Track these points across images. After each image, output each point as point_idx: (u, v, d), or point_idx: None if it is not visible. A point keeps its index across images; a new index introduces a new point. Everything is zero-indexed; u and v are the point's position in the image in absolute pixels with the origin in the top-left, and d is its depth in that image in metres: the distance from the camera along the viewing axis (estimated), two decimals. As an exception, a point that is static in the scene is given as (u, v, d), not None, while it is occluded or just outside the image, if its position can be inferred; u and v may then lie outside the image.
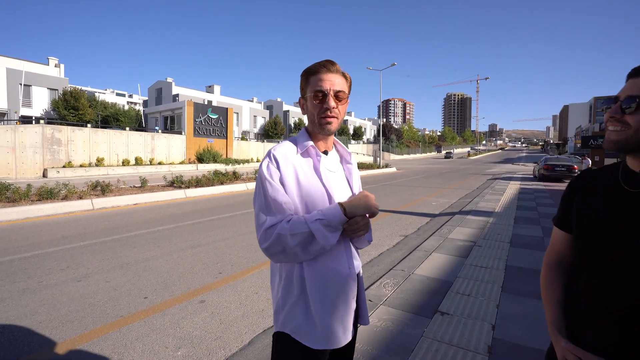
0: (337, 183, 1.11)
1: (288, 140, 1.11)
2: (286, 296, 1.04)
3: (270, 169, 1.01)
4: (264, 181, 1.00)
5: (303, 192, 1.02)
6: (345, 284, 1.05)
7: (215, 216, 7.22)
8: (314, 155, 1.08)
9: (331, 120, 1.06)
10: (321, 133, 1.08)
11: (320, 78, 1.04)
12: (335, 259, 1.04)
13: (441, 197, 10.87)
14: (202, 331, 2.63)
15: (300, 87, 1.11)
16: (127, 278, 3.70)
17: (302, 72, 1.10)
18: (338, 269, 1.04)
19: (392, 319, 2.69)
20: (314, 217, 0.96)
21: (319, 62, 1.07)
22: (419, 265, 3.97)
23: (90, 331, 2.61)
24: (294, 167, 1.03)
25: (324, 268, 1.02)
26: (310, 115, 1.08)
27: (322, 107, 1.04)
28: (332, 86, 1.04)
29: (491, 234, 5.52)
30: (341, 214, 0.96)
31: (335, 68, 1.07)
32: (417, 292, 3.23)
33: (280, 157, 1.03)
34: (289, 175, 1.02)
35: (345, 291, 1.04)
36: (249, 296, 3.28)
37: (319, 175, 1.06)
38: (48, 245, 4.90)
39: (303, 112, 1.13)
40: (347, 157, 1.20)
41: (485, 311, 2.81)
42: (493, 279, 3.55)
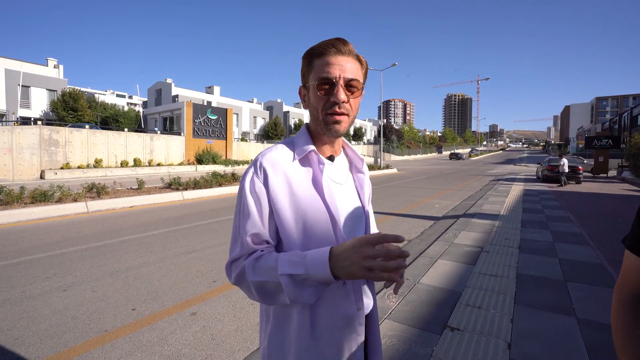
0: (345, 199, 0.86)
1: (283, 142, 0.86)
2: (273, 343, 0.82)
3: (254, 184, 0.78)
4: (244, 199, 0.79)
5: (299, 214, 0.78)
6: (350, 329, 0.81)
7: (213, 219, 7.01)
8: (315, 163, 0.83)
9: (340, 119, 0.80)
10: (327, 134, 0.82)
11: (327, 62, 0.78)
12: (338, 298, 0.80)
13: (444, 199, 10.65)
14: (191, 348, 2.42)
15: (302, 73, 0.85)
16: (115, 287, 3.49)
17: (304, 53, 0.83)
18: (342, 310, 0.80)
19: (398, 335, 2.47)
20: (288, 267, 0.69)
21: (326, 41, 0.80)
22: (424, 274, 3.76)
23: (70, 348, 2.40)
24: (286, 179, 0.79)
25: (323, 310, 0.79)
26: (314, 111, 0.82)
27: (329, 100, 0.79)
28: (343, 73, 0.78)
29: (498, 239, 5.31)
30: (328, 272, 0.66)
31: (348, 49, 0.80)
32: (424, 303, 3.01)
33: (269, 167, 0.79)
34: (280, 191, 0.78)
35: (350, 339, 0.81)
36: (244, 307, 3.07)
37: (320, 191, 0.80)
38: (36, 251, 4.70)
39: (304, 106, 0.86)
40: (358, 164, 0.95)
41: (499, 326, 2.60)
42: (504, 289, 3.34)
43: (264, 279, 0.71)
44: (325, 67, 0.78)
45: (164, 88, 41.82)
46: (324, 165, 0.84)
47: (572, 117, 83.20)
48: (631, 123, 33.07)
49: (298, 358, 0.79)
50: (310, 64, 0.82)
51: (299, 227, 0.78)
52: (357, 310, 0.82)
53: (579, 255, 4.55)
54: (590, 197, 11.15)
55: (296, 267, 0.69)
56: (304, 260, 0.69)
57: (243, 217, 0.78)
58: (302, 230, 0.78)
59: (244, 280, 0.75)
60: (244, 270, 0.74)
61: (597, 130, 44.16)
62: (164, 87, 41.86)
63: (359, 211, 0.88)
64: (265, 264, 0.72)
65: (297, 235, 0.78)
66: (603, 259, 4.39)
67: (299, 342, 0.79)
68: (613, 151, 23.23)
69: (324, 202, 0.80)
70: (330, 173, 0.86)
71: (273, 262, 0.72)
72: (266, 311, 0.85)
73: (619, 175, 20.34)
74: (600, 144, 21.79)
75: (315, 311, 0.79)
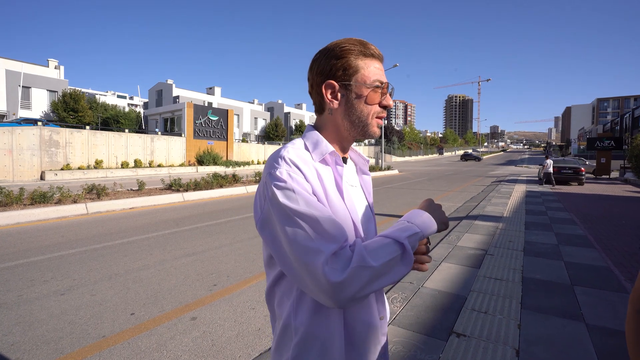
0: (358, 201, 0.83)
1: (295, 142, 0.79)
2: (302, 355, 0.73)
3: (296, 179, 0.68)
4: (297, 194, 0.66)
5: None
6: (376, 340, 0.78)
7: (213, 221, 6.95)
8: (333, 165, 0.78)
9: (382, 123, 0.84)
10: (364, 137, 0.82)
11: (378, 67, 0.79)
12: (364, 308, 0.76)
13: (446, 201, 10.58)
14: (191, 355, 2.36)
15: (334, 68, 0.76)
16: (114, 291, 3.43)
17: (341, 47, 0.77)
18: (368, 320, 0.76)
19: (402, 341, 2.41)
20: (403, 233, 0.68)
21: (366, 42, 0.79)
22: (428, 277, 3.69)
23: (67, 355, 2.34)
24: (318, 177, 0.73)
25: (352, 321, 0.74)
26: (359, 114, 0.77)
27: (381, 104, 0.80)
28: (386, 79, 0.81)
29: (502, 241, 5.24)
30: (435, 225, 0.74)
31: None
32: (429, 308, 2.95)
33: (300, 163, 0.71)
34: (318, 188, 0.71)
35: (375, 349, 0.78)
36: (245, 312, 3.01)
37: (341, 192, 0.76)
38: (35, 253, 4.64)
39: (332, 104, 0.78)
40: (364, 167, 0.93)
41: (506, 332, 2.53)
42: (510, 293, 3.27)
43: (388, 257, 0.65)
44: (379, 71, 0.79)
45: (164, 89, 41.86)
46: (342, 167, 0.80)
47: (573, 118, 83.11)
48: (632, 124, 32.98)
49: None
50: (353, 62, 0.77)
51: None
52: (380, 320, 0.80)
53: (585, 258, 4.48)
54: (593, 199, 11.07)
55: (410, 230, 0.70)
56: (410, 225, 0.71)
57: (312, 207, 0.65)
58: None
59: (363, 268, 0.62)
60: (362, 256, 0.63)
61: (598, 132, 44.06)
62: (164, 88, 41.89)
63: (369, 212, 0.87)
64: (376, 246, 0.66)
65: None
66: (609, 262, 4.32)
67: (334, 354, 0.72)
68: (615, 152, 23.17)
69: (345, 205, 0.76)
70: (347, 177, 0.84)
71: (383, 240, 0.68)
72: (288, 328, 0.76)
73: (621, 177, 20.25)
74: (603, 145, 21.71)
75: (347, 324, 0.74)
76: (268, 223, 0.70)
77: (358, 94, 0.77)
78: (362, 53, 0.77)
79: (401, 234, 0.68)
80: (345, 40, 0.78)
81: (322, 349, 0.71)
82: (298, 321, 0.73)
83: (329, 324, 0.72)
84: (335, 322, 0.72)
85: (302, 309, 0.73)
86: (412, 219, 0.73)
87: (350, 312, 0.74)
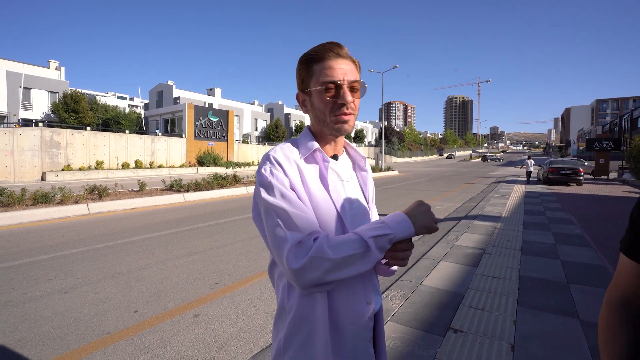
0: (350, 195, 0.89)
1: (288, 142, 0.89)
2: (290, 337, 0.82)
3: (276, 174, 0.78)
4: (272, 189, 0.77)
5: (315, 207, 0.80)
6: (360, 323, 0.83)
7: (214, 221, 7.01)
8: (320, 161, 0.86)
9: (348, 118, 0.84)
10: (334, 134, 0.87)
11: (329, 66, 0.82)
12: (352, 293, 0.82)
13: (446, 201, 10.64)
14: (194, 350, 2.42)
15: (299, 79, 0.88)
16: (117, 289, 3.48)
17: (300, 59, 0.87)
18: (353, 305, 0.82)
19: (401, 337, 2.46)
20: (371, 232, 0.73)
21: (322, 45, 0.84)
22: (427, 275, 3.75)
23: (72, 351, 2.39)
24: (300, 172, 0.82)
25: (339, 304, 0.81)
26: (319, 114, 0.85)
27: (336, 102, 0.83)
28: (346, 75, 0.83)
29: (500, 241, 5.30)
30: (412, 229, 0.76)
31: (345, 52, 0.85)
32: (427, 305, 3.00)
33: (283, 160, 0.81)
34: (297, 182, 0.80)
35: (361, 334, 0.83)
36: (246, 309, 3.07)
37: (327, 186, 0.84)
38: (38, 252, 4.70)
39: (304, 110, 0.90)
40: (361, 163, 0.98)
41: (502, 328, 2.59)
42: (507, 290, 3.33)
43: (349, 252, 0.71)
44: (328, 71, 0.82)
45: (165, 90, 41.95)
46: (328, 163, 0.87)
47: (572, 119, 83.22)
48: (631, 125, 33.06)
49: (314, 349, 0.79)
50: (309, 69, 0.85)
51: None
52: (366, 305, 0.84)
53: (581, 257, 4.53)
54: (592, 199, 11.13)
55: (381, 230, 0.74)
56: (385, 224, 0.76)
57: (286, 201, 0.75)
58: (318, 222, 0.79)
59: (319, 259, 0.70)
60: (321, 248, 0.70)
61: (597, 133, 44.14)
62: (165, 89, 41.98)
63: (363, 206, 0.91)
64: (345, 242, 0.73)
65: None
66: (605, 261, 4.38)
67: (316, 336, 0.79)
68: (614, 153, 23.21)
69: (330, 197, 0.83)
70: (335, 170, 0.89)
71: (351, 236, 0.74)
72: (284, 308, 0.85)
73: (619, 177, 20.31)
74: (601, 146, 21.78)
75: (332, 306, 0.80)
76: (257, 214, 0.83)
77: (315, 96, 0.85)
78: (314, 59, 0.84)
79: (369, 233, 0.73)
80: (309, 50, 0.85)
81: (310, 330, 0.80)
82: (290, 303, 0.82)
83: (315, 306, 0.79)
84: (320, 305, 0.79)
85: (292, 292, 0.82)
86: (389, 220, 0.77)
87: (333, 296, 0.80)
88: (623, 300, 0.73)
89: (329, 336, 0.79)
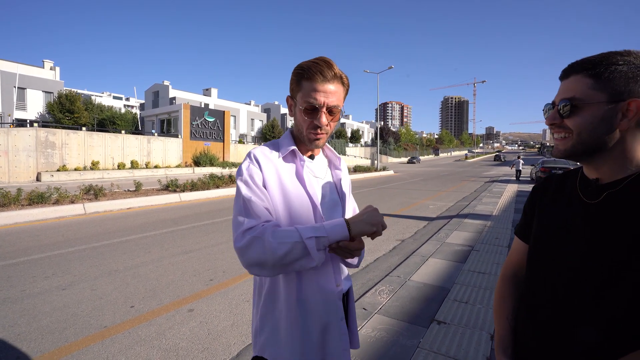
0: (323, 190, 1.00)
1: (270, 142, 1.00)
2: (265, 316, 0.94)
3: (251, 170, 0.90)
4: (244, 182, 0.89)
5: (285, 200, 0.91)
6: (331, 304, 0.94)
7: (210, 220, 7.10)
8: (297, 160, 0.97)
9: (319, 137, 0.94)
10: (308, 146, 0.97)
11: (314, 88, 0.89)
12: (321, 276, 0.93)
13: (439, 201, 10.80)
14: (189, 342, 2.52)
15: (290, 87, 0.97)
16: (114, 286, 3.57)
17: (294, 70, 0.95)
18: (324, 286, 0.93)
19: (386, 328, 2.58)
20: (310, 231, 0.82)
21: (314, 63, 0.90)
22: (415, 271, 3.87)
23: (71, 343, 2.49)
24: (276, 170, 0.93)
25: (309, 285, 0.92)
26: (298, 125, 0.96)
27: (312, 122, 0.91)
28: (327, 99, 0.90)
29: (489, 238, 5.44)
30: (346, 233, 0.84)
31: (333, 73, 0.91)
32: (414, 299, 3.13)
33: (261, 157, 0.93)
34: (271, 178, 0.91)
35: (331, 313, 0.94)
36: (240, 304, 3.17)
37: (302, 182, 0.94)
38: (35, 251, 4.76)
39: (290, 114, 1.01)
40: (336, 162, 1.08)
41: (484, 320, 2.72)
42: (491, 285, 3.46)
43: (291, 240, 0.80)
44: (312, 93, 0.89)
45: (161, 90, 41.86)
46: (304, 162, 0.98)
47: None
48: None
49: (288, 326, 0.91)
50: (299, 83, 0.93)
51: (286, 210, 0.90)
52: (336, 287, 0.96)
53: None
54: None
55: (319, 231, 0.83)
56: (323, 227, 0.84)
57: (252, 193, 0.87)
58: (289, 213, 0.91)
59: (260, 243, 0.79)
60: (263, 232, 0.80)
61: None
62: (161, 89, 41.89)
63: (335, 200, 1.03)
64: (285, 231, 0.82)
65: (284, 216, 0.90)
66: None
67: (288, 314, 0.91)
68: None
69: (305, 192, 0.94)
70: (311, 168, 1.00)
71: (294, 230, 0.82)
72: (259, 290, 0.97)
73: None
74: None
75: (301, 287, 0.91)
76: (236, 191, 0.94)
77: (298, 111, 0.94)
78: (303, 77, 0.91)
79: (307, 233, 0.82)
80: (305, 62, 0.93)
81: (281, 306, 0.92)
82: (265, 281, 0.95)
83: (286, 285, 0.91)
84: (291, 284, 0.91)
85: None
86: (328, 224, 0.85)
87: (305, 277, 0.92)
88: (512, 273, 0.91)
89: (298, 312, 0.90)
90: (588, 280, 0.67)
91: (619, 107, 0.64)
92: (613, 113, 0.65)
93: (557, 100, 0.72)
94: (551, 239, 0.76)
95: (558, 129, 0.72)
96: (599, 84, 0.65)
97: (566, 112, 0.69)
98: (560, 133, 0.72)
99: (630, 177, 0.66)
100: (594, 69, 0.66)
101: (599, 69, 0.66)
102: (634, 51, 0.65)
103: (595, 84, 0.66)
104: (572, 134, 0.69)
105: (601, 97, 0.65)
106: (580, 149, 0.69)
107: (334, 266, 0.97)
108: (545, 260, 0.77)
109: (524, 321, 0.80)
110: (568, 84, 0.70)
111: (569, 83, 0.70)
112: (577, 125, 0.68)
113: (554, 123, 0.72)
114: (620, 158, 0.67)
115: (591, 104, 0.66)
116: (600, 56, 0.67)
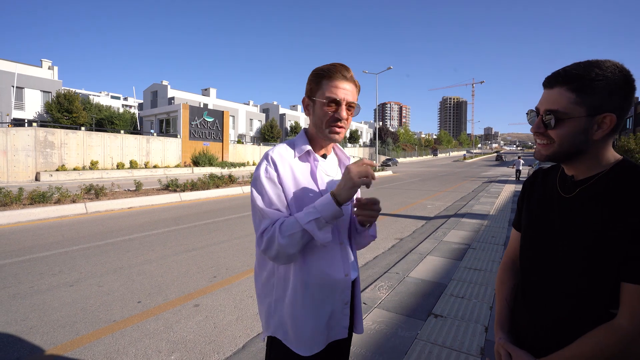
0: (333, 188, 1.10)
1: (285, 142, 1.08)
2: (279, 300, 1.03)
3: (269, 171, 0.99)
4: (261, 184, 0.99)
5: (300, 197, 1.00)
6: (339, 291, 1.04)
7: (211, 220, 7.19)
8: (311, 160, 1.06)
9: (340, 131, 1.03)
10: (326, 140, 1.05)
11: (335, 85, 1.00)
12: (331, 265, 1.03)
13: (437, 200, 10.93)
14: (195, 335, 2.62)
15: (308, 87, 1.05)
16: (120, 282, 3.66)
17: (313, 71, 1.04)
18: (333, 275, 1.03)
19: (386, 321, 2.69)
20: (307, 217, 0.92)
21: (334, 66, 1.02)
22: (413, 268, 3.99)
23: (82, 336, 2.58)
24: (291, 169, 1.01)
25: (319, 273, 1.02)
26: (318, 121, 1.03)
27: (333, 116, 1.00)
28: (346, 96, 1.00)
29: (485, 237, 5.56)
30: (334, 205, 0.92)
31: (350, 75, 1.02)
32: (412, 294, 3.24)
33: (277, 159, 1.01)
34: (287, 177, 1.00)
35: (339, 298, 1.04)
36: (244, 300, 3.27)
37: (316, 181, 1.04)
38: (40, 249, 4.84)
39: (307, 113, 1.08)
40: (345, 162, 1.18)
41: (479, 313, 2.83)
42: (487, 281, 3.58)
43: (292, 234, 0.92)
44: (334, 90, 1.00)
45: (160, 90, 41.82)
46: (318, 162, 1.07)
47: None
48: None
49: (298, 310, 1.01)
50: (319, 83, 1.02)
51: (300, 207, 1.00)
52: (344, 276, 1.05)
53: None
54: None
55: (312, 215, 0.93)
56: (314, 208, 0.94)
57: (264, 197, 0.98)
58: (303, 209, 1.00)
59: (274, 243, 0.93)
60: (274, 234, 0.93)
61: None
62: (160, 89, 41.86)
63: None
64: (288, 224, 0.94)
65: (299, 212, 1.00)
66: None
67: (299, 299, 1.01)
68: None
69: (318, 189, 1.04)
70: (324, 168, 1.09)
71: (293, 220, 0.94)
72: (268, 277, 1.07)
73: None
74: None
75: (309, 275, 1.01)
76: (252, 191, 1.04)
77: (318, 106, 1.02)
78: (323, 76, 1.01)
79: (304, 219, 0.92)
80: (324, 65, 1.04)
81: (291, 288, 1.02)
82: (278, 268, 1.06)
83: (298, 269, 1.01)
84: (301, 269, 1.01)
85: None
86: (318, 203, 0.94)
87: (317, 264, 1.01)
88: (511, 260, 1.03)
89: (309, 298, 1.00)
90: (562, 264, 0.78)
91: (595, 119, 0.73)
92: (590, 125, 0.73)
93: (541, 108, 0.79)
94: (534, 228, 0.88)
95: (542, 136, 0.80)
96: (580, 98, 0.73)
97: (550, 124, 0.77)
98: (543, 140, 0.80)
99: (598, 175, 0.78)
100: (576, 83, 0.73)
101: (581, 83, 0.73)
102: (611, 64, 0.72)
103: (576, 99, 0.73)
104: (554, 143, 0.78)
105: (581, 112, 0.73)
106: (560, 155, 0.79)
107: (344, 256, 1.06)
108: (530, 247, 0.88)
109: (518, 302, 0.92)
110: (552, 95, 0.77)
111: (553, 94, 0.77)
112: (559, 136, 0.76)
113: (538, 131, 0.80)
114: (593, 159, 0.78)
115: (573, 117, 0.74)
116: (583, 69, 0.73)
